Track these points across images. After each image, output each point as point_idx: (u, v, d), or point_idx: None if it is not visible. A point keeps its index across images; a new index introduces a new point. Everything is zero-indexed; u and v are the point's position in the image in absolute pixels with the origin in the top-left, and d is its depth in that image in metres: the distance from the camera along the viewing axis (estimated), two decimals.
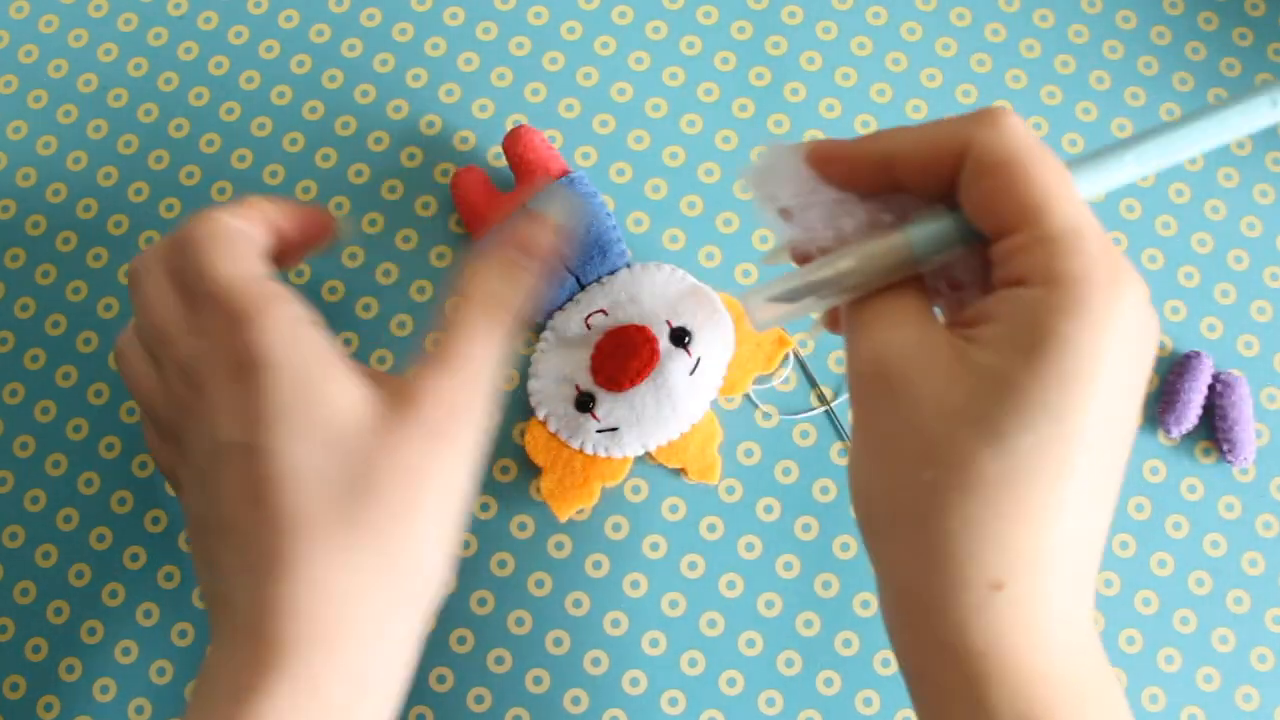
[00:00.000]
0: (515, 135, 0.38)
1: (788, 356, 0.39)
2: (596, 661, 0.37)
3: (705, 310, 0.37)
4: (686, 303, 0.37)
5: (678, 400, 0.36)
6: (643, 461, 0.38)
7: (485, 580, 0.37)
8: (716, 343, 0.37)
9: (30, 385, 0.39)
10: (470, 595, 0.37)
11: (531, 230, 0.32)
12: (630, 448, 0.37)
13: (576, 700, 0.37)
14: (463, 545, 0.37)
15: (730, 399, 0.39)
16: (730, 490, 0.38)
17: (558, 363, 0.37)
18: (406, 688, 0.29)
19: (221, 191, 0.40)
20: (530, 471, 0.38)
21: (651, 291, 0.37)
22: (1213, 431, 0.38)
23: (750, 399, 0.38)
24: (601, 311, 0.37)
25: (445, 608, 0.37)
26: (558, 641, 0.37)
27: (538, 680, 0.37)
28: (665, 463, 0.37)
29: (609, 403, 0.36)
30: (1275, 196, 0.40)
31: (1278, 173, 0.41)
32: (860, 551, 0.38)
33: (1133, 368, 0.24)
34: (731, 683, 0.37)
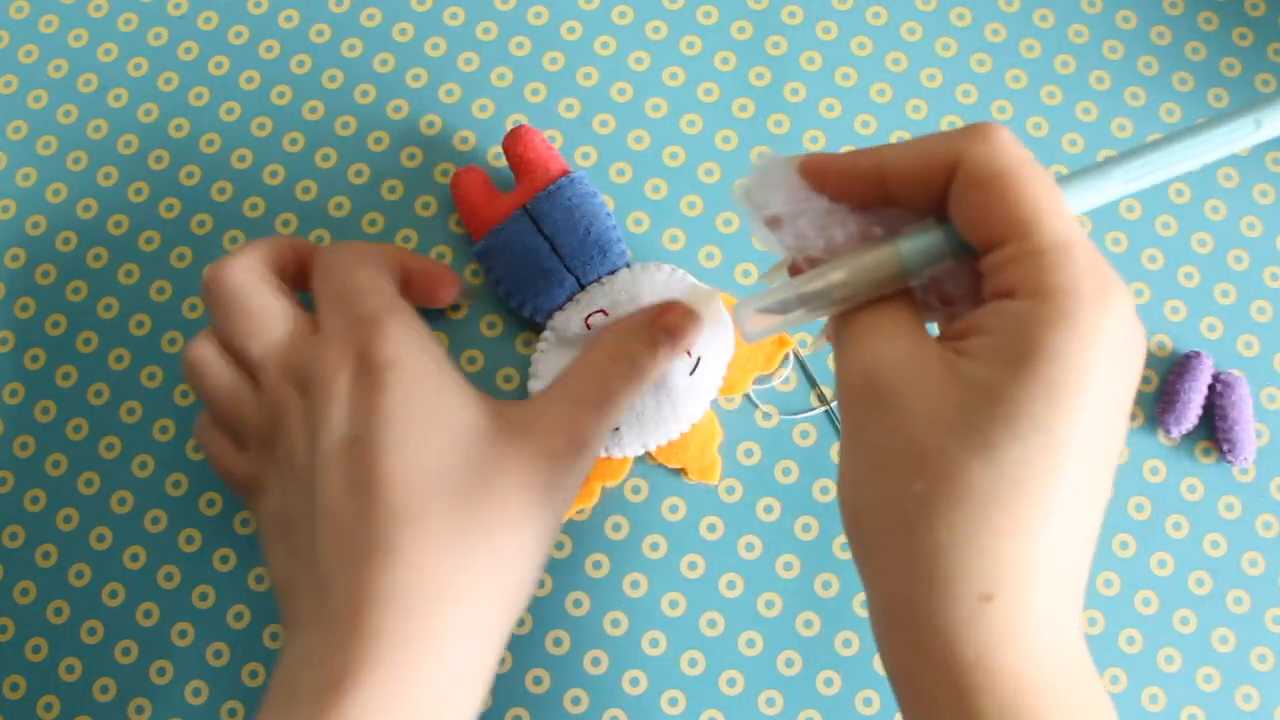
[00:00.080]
0: (515, 135, 0.38)
1: (788, 356, 0.39)
2: (596, 661, 0.37)
3: (706, 310, 0.37)
4: (693, 302, 0.37)
5: (677, 400, 0.36)
6: (643, 461, 0.38)
7: None
8: (716, 343, 0.37)
9: (30, 385, 0.39)
10: None
11: (681, 321, 0.34)
12: (630, 448, 0.37)
13: (576, 700, 0.37)
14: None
15: (730, 399, 0.39)
16: (730, 490, 0.38)
17: (558, 363, 0.37)
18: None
19: (221, 192, 0.40)
20: None
21: (652, 292, 0.37)
22: (1213, 431, 0.38)
23: (750, 399, 0.38)
24: (601, 311, 0.37)
25: None
26: (558, 641, 0.37)
27: (538, 680, 0.37)
28: (665, 463, 0.37)
29: None
30: (1275, 196, 0.40)
31: (1278, 173, 0.41)
32: None
33: (1120, 381, 0.25)
34: (731, 683, 0.37)
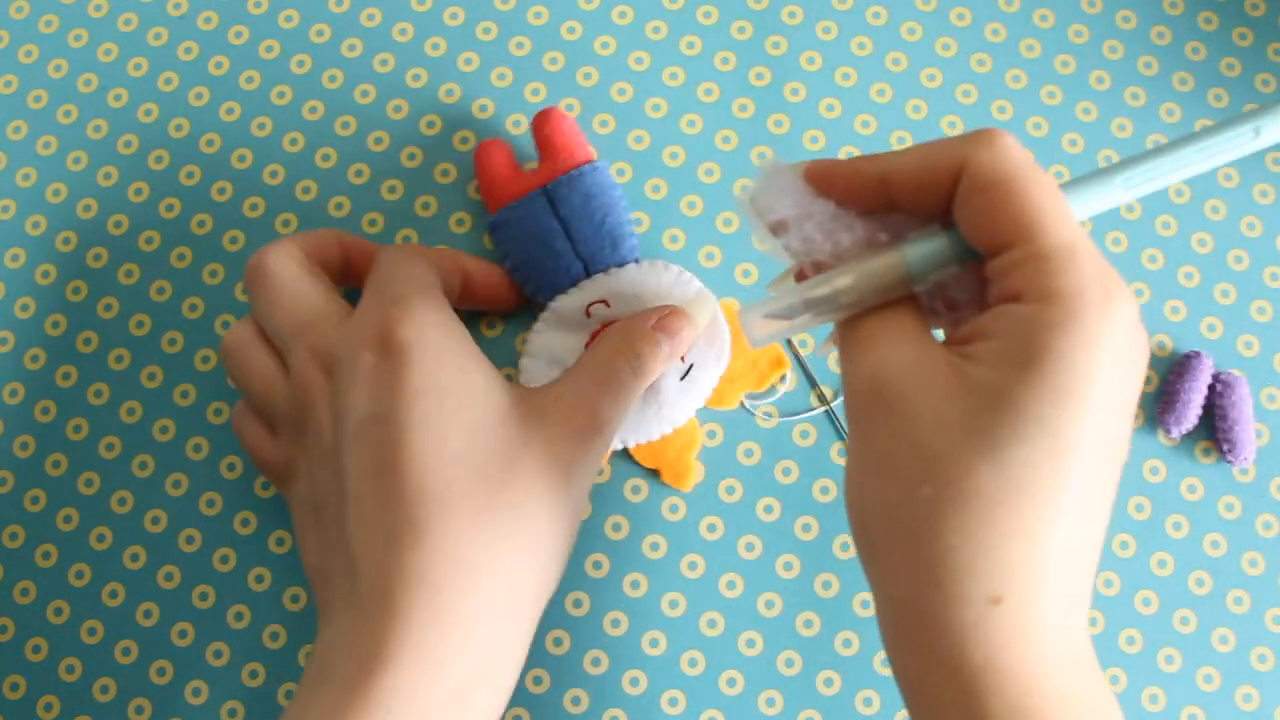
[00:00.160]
0: (546, 115, 0.37)
1: (783, 378, 0.39)
2: (596, 661, 0.37)
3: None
4: (689, 308, 0.37)
5: (664, 403, 0.36)
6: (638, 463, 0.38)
7: None
8: (710, 352, 0.37)
9: (30, 385, 0.39)
10: None
11: (679, 325, 0.35)
12: (611, 442, 0.36)
13: (576, 700, 0.37)
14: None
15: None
16: (730, 490, 0.38)
17: (551, 344, 0.37)
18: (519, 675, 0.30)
19: (221, 192, 0.40)
20: None
21: (657, 292, 0.37)
22: (1213, 431, 0.38)
23: (744, 406, 0.38)
24: (604, 302, 0.37)
25: None
26: (558, 641, 0.37)
27: (538, 680, 0.37)
28: (641, 461, 0.37)
29: None
30: (1275, 196, 0.40)
31: (1278, 173, 0.41)
32: None
33: (1124, 386, 0.25)
34: (731, 683, 0.37)
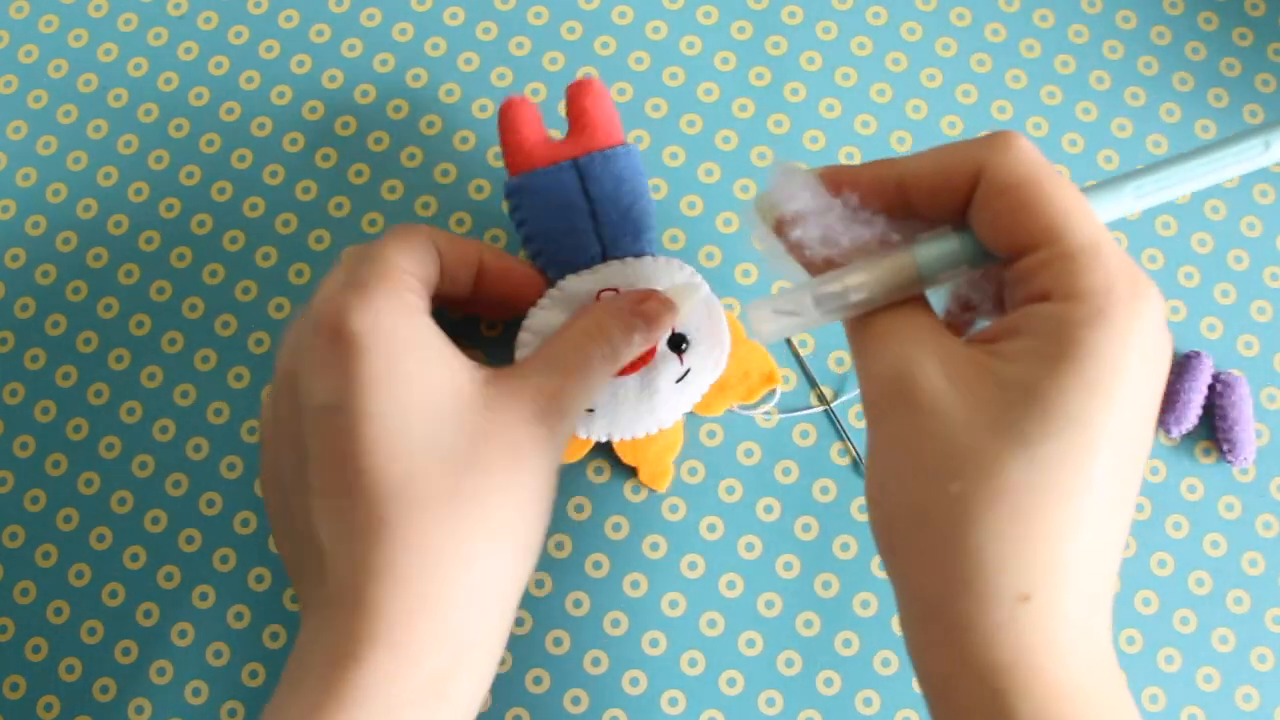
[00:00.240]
0: (585, 86, 0.36)
1: (773, 393, 0.38)
2: (596, 661, 0.37)
3: (709, 326, 0.36)
4: (697, 312, 0.36)
5: (658, 402, 0.36)
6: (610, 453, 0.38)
7: None
8: (709, 361, 0.37)
9: (30, 385, 0.39)
10: None
11: (658, 310, 0.34)
12: (597, 432, 0.36)
13: (576, 700, 0.37)
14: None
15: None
16: (730, 490, 0.38)
17: (553, 322, 0.36)
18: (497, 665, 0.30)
19: (221, 191, 0.40)
20: None
21: (668, 290, 0.37)
22: (1213, 431, 0.38)
23: (734, 411, 0.38)
24: (614, 290, 0.36)
25: None
26: (558, 641, 0.37)
27: (538, 680, 0.37)
28: (621, 456, 0.37)
29: None
30: (1275, 196, 0.40)
31: (1278, 173, 0.41)
32: (861, 551, 0.38)
33: (1149, 385, 0.25)
34: (731, 683, 0.37)
